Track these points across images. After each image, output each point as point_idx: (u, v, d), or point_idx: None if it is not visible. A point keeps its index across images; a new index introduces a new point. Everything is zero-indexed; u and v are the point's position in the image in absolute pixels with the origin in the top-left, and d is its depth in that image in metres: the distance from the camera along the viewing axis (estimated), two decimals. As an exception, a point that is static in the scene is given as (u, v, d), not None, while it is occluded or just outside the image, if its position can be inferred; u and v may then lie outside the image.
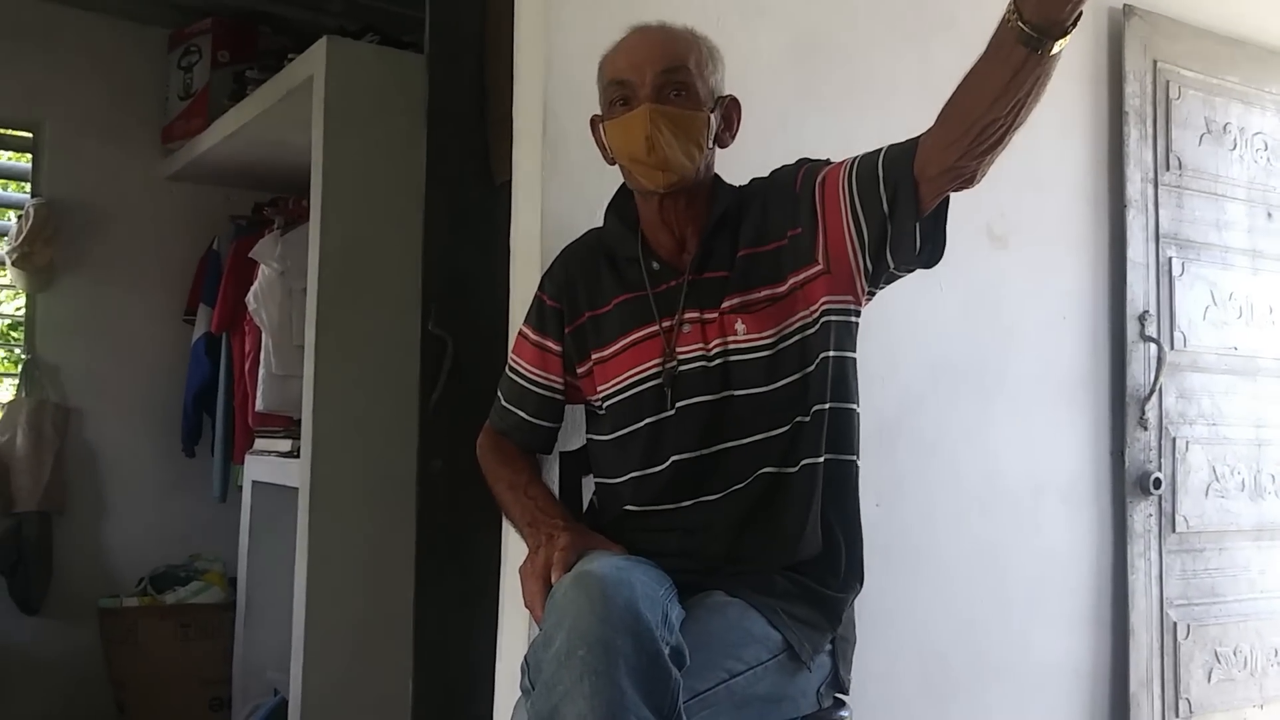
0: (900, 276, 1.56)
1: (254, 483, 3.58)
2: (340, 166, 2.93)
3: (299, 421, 3.19)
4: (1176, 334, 2.86)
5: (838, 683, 1.62)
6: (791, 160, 1.65)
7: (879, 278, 1.55)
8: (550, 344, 1.71)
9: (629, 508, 1.63)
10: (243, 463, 3.73)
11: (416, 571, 2.29)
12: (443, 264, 2.30)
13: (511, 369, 1.77)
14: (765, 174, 1.67)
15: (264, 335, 3.52)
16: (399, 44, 3.10)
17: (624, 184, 1.68)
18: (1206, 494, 2.89)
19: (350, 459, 2.91)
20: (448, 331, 2.26)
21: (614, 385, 1.63)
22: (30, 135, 3.98)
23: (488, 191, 2.33)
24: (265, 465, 3.47)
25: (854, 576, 1.63)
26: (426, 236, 2.31)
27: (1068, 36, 1.20)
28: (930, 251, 1.48)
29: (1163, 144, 2.88)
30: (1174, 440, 2.83)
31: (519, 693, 1.34)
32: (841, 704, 1.64)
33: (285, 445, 3.32)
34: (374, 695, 2.82)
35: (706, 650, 1.37)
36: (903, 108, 1.88)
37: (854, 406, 1.62)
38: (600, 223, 1.73)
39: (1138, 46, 2.83)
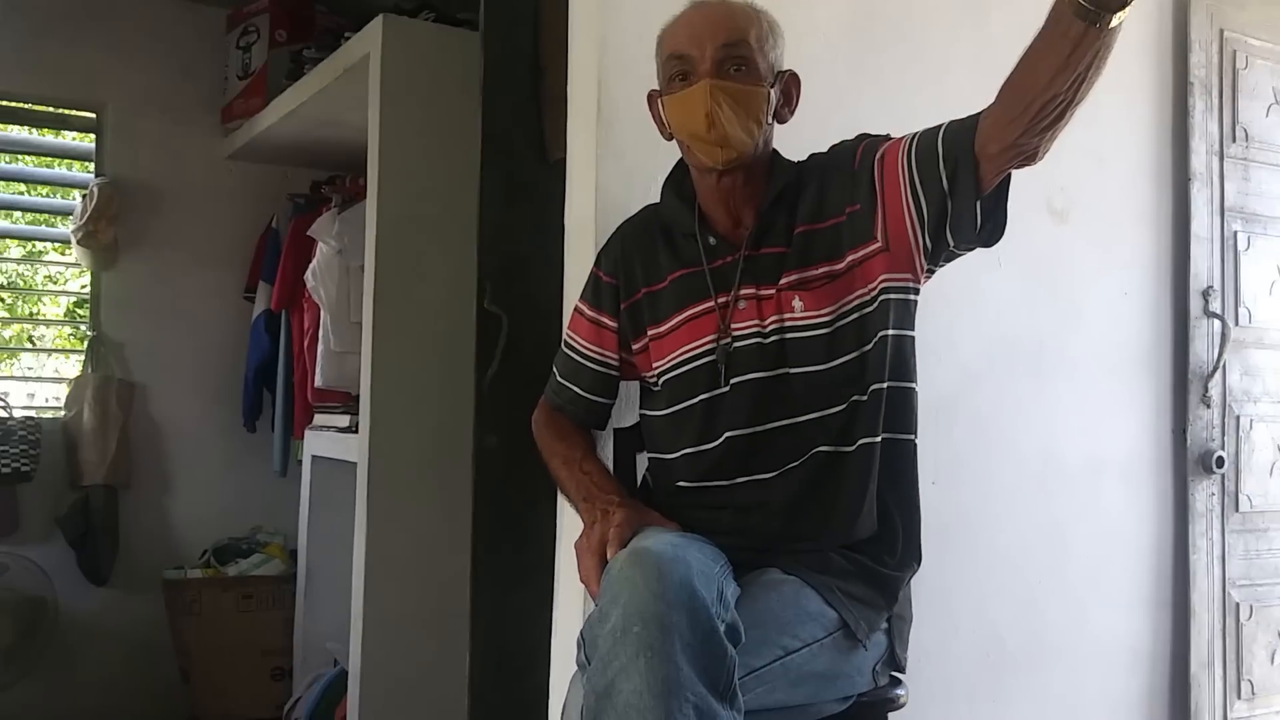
0: (960, 255, 1.54)
1: (313, 457, 3.63)
2: (396, 144, 2.95)
3: (357, 397, 3.22)
4: (1241, 310, 2.80)
5: (894, 661, 1.62)
6: (847, 135, 1.64)
7: (938, 256, 1.53)
8: (606, 320, 1.72)
9: (682, 484, 1.63)
10: (302, 438, 3.78)
11: (473, 546, 2.32)
12: (498, 241, 2.32)
13: (567, 345, 1.78)
14: (821, 149, 1.65)
15: (322, 312, 3.56)
16: (454, 22, 3.10)
17: (681, 159, 1.67)
18: (1271, 473, 2.84)
19: (407, 434, 2.94)
20: (503, 308, 2.28)
21: (669, 361, 1.63)
22: (94, 116, 4.05)
23: (542, 169, 2.34)
24: (324, 440, 3.51)
25: (911, 555, 1.62)
26: (482, 214, 2.33)
27: (1127, 9, 1.18)
28: (991, 230, 1.46)
29: (1229, 115, 2.81)
30: (1238, 418, 2.78)
31: (575, 667, 1.36)
32: (898, 682, 1.63)
33: (344, 421, 3.36)
34: (432, 667, 2.86)
35: (762, 627, 1.38)
36: (960, 82, 1.86)
37: (913, 385, 1.61)
38: (655, 199, 1.73)
39: (1203, 15, 2.76)
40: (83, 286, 4.19)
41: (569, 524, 1.88)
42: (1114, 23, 1.19)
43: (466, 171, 2.47)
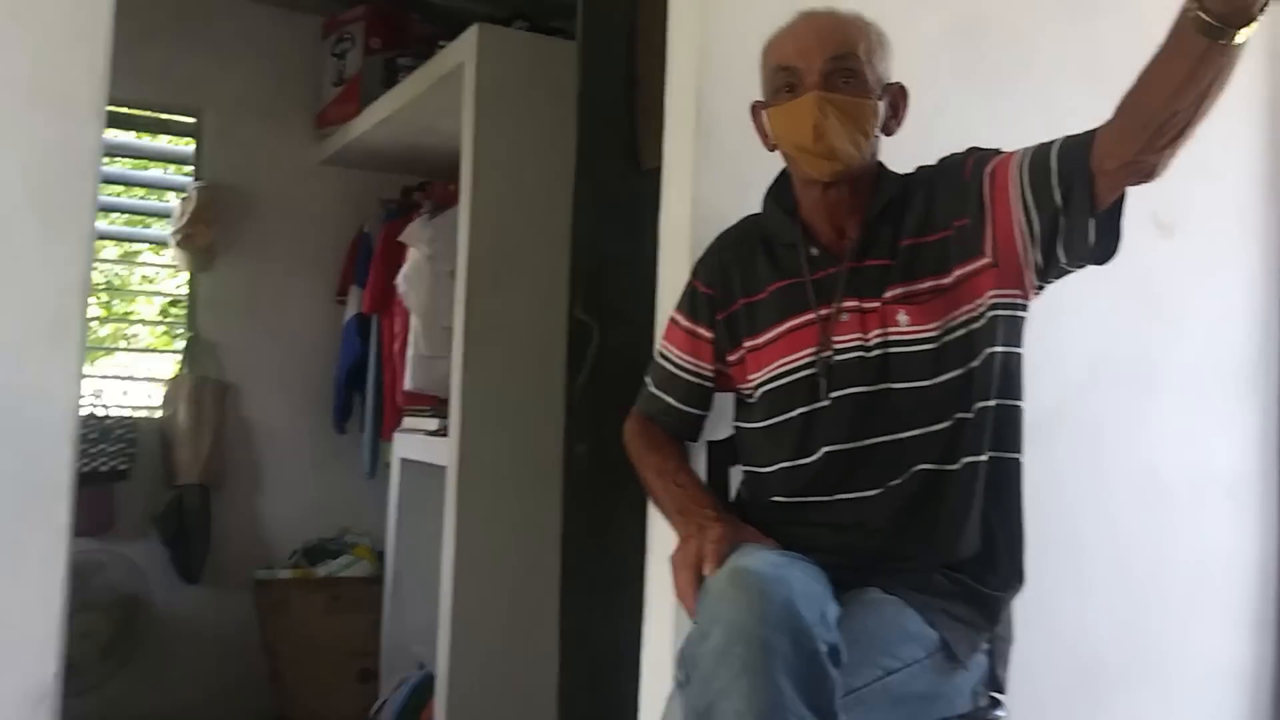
0: (1071, 272, 1.50)
1: (402, 460, 3.66)
2: (489, 152, 2.97)
3: (446, 401, 3.26)
4: (1355, 325, 2.70)
5: (994, 682, 1.59)
6: (951, 147, 1.61)
7: (1049, 273, 1.49)
8: (702, 330, 1.71)
9: (778, 499, 1.62)
10: (391, 440, 3.82)
11: (562, 554, 2.33)
12: (590, 250, 2.32)
13: (661, 355, 1.77)
14: (925, 161, 1.63)
15: (412, 317, 3.60)
16: (547, 30, 3.12)
17: (783, 169, 1.66)
18: (1385, 494, 2.73)
19: (497, 439, 2.95)
20: (594, 317, 2.28)
21: (766, 374, 1.62)
22: (194, 120, 4.13)
23: (635, 178, 2.34)
24: (413, 443, 3.55)
25: (1014, 575, 1.59)
26: (574, 222, 2.34)
27: (1253, 26, 1.14)
28: (1105, 247, 1.42)
29: (1344, 124, 2.71)
30: (1350, 437, 2.68)
31: (669, 682, 1.35)
32: (997, 703, 1.60)
33: (432, 424, 3.39)
34: (520, 673, 2.87)
35: (862, 647, 1.36)
36: (1069, 94, 1.82)
37: (1020, 403, 1.58)
38: (753, 209, 1.72)
39: (1320, 20, 2.66)
40: (178, 287, 4.28)
41: (660, 535, 1.87)
42: (1238, 39, 1.15)
43: (557, 179, 2.48)
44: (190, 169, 4.17)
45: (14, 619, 1.70)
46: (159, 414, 3.98)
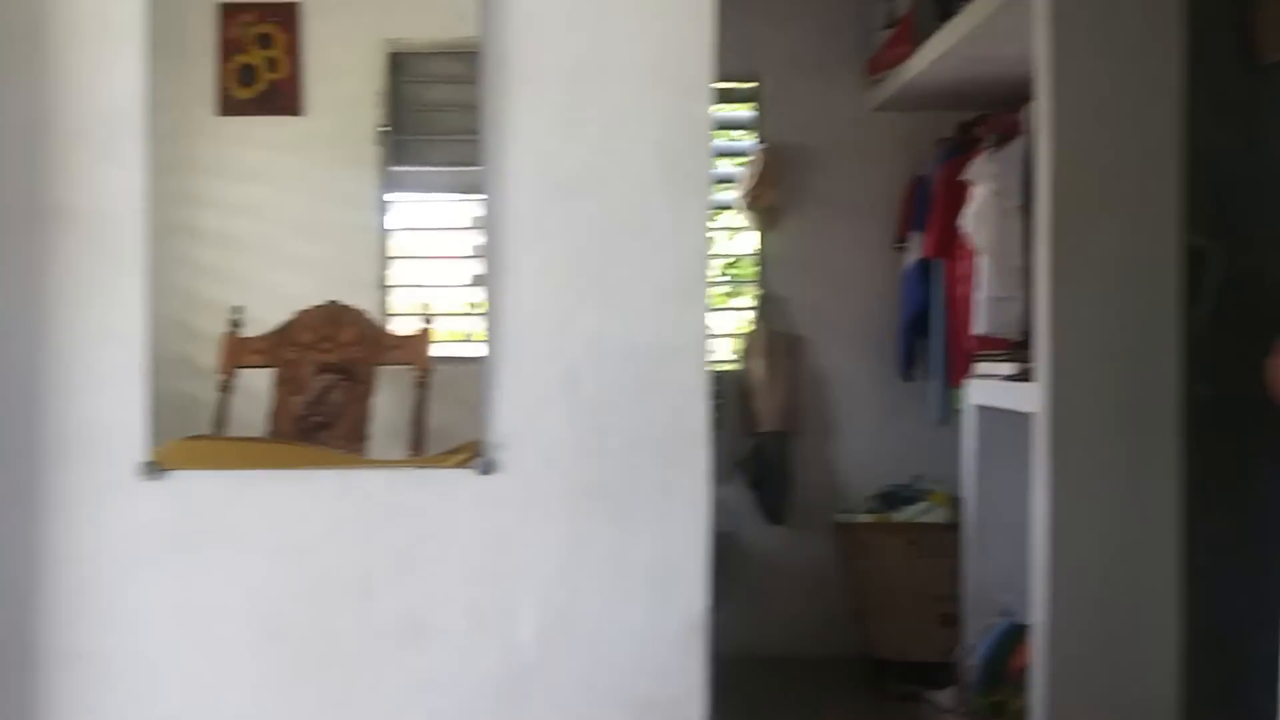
0: None
1: (976, 406, 3.57)
2: (1069, 70, 2.69)
3: (1019, 344, 3.10)
4: None
5: None
6: None
7: None
8: (1378, 246, 1.45)
9: None
10: (961, 386, 3.73)
11: (1184, 506, 2.13)
12: (1205, 165, 2.07)
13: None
14: None
15: (979, 258, 3.48)
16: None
17: None
18: None
19: (1094, 382, 2.72)
20: (1214, 241, 2.04)
21: None
22: (755, 86, 4.30)
23: (1253, 76, 2.05)
24: (987, 389, 3.43)
25: None
26: (1183, 135, 2.10)
27: None
28: None
29: None
30: None
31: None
32: None
33: (1009, 368, 3.25)
34: (1129, 627, 2.66)
35: None
36: None
37: None
38: None
39: None
40: (747, 246, 4.48)
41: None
42: None
43: (1152, 89, 2.25)
44: (746, 134, 4.35)
45: (672, 557, 1.90)
46: (738, 367, 4.22)
